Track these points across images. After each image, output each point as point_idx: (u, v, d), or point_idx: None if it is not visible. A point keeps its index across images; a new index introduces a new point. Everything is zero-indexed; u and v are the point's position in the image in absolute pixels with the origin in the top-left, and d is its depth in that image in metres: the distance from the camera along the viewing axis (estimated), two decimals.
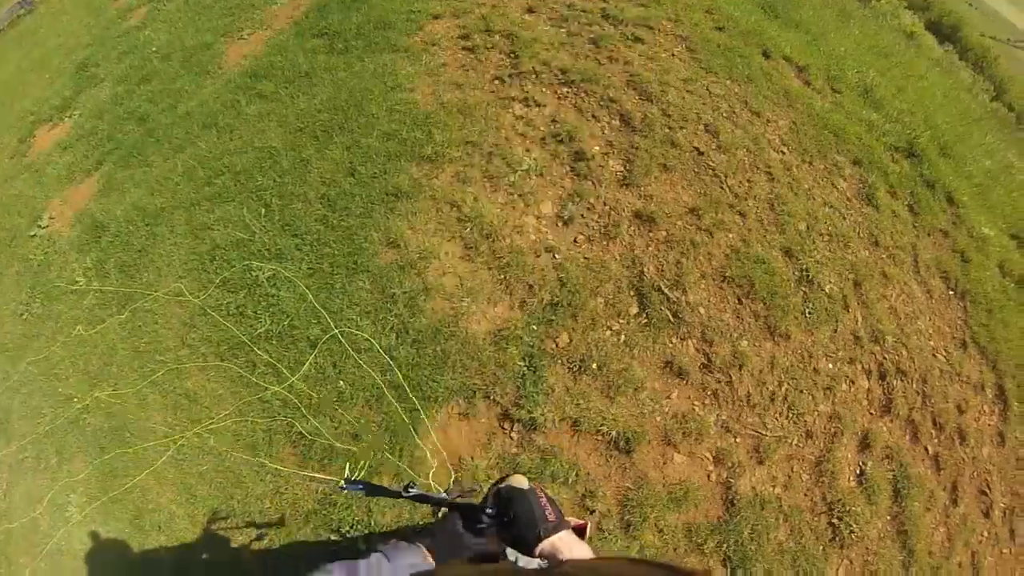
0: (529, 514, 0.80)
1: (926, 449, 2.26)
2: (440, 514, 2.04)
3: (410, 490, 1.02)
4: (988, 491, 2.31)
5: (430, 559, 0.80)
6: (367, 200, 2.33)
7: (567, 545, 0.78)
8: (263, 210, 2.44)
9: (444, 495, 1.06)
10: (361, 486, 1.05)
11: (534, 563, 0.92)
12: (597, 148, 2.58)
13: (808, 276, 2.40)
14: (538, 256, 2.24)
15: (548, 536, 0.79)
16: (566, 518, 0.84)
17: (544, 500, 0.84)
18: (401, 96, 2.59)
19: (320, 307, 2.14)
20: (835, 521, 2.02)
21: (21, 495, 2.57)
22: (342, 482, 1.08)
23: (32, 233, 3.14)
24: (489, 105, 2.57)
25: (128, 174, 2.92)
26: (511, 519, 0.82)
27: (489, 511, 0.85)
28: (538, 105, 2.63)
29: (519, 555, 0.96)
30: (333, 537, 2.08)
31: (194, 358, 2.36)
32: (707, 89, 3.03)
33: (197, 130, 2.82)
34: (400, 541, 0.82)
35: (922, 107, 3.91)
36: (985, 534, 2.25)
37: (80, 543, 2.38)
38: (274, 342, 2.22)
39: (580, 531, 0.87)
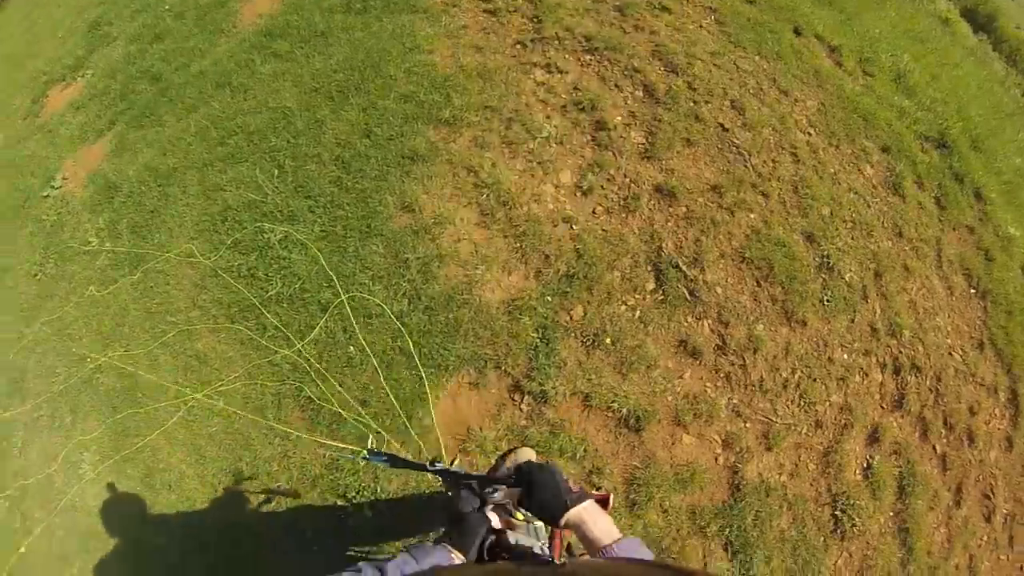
0: (554, 486, 0.82)
1: (934, 448, 2.22)
2: (446, 488, 2.03)
3: (435, 464, 1.02)
4: (992, 495, 2.28)
5: (458, 556, 0.80)
6: (382, 163, 2.27)
7: (592, 516, 0.79)
8: (276, 171, 2.39)
9: (464, 471, 1.04)
10: (385, 458, 1.04)
11: (537, 545, 0.95)
12: (619, 118, 2.48)
13: (829, 263, 2.32)
14: (555, 226, 2.17)
15: (574, 506, 0.80)
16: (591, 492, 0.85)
17: (561, 473, 0.85)
18: (419, 58, 2.50)
19: (332, 271, 2.10)
20: (838, 513, 2.00)
21: (37, 452, 2.61)
22: (365, 453, 1.06)
23: (45, 194, 3.14)
24: (510, 70, 2.47)
25: (141, 134, 2.88)
26: (531, 491, 0.82)
27: (508, 480, 0.86)
28: (560, 72, 2.53)
29: (532, 519, 0.96)
30: (339, 502, 2.08)
31: (205, 320, 2.35)
32: (735, 64, 2.90)
33: (211, 90, 2.76)
34: (426, 542, 0.83)
35: (955, 97, 3.72)
36: (985, 538, 2.21)
37: (93, 500, 2.41)
38: (285, 305, 2.19)
39: (603, 503, 0.88)
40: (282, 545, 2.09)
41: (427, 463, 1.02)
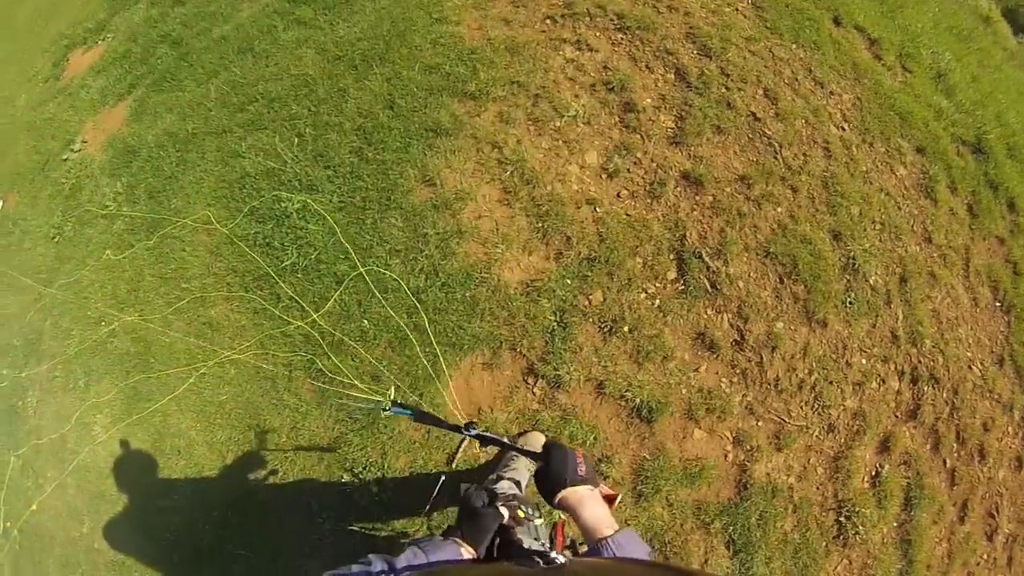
0: (562, 462, 0.82)
1: (944, 462, 2.17)
2: (454, 463, 2.01)
3: (471, 428, 0.99)
4: (996, 514, 2.22)
5: (467, 550, 0.78)
6: (405, 135, 2.21)
7: (590, 502, 0.78)
8: (296, 139, 2.35)
9: (500, 437, 1.02)
10: (410, 411, 1.00)
11: (537, 544, 0.92)
12: (649, 101, 2.39)
13: (854, 264, 2.24)
14: (579, 208, 2.11)
15: (573, 485, 0.79)
16: (601, 486, 0.84)
17: (582, 460, 0.85)
18: (446, 29, 2.43)
19: (348, 243, 2.07)
20: (842, 519, 1.97)
21: (51, 413, 2.65)
22: (388, 403, 1.01)
23: (65, 157, 3.14)
24: (539, 45, 2.39)
25: (161, 99, 2.86)
26: (548, 463, 0.82)
27: (534, 453, 0.85)
28: (591, 50, 2.43)
29: (532, 518, 0.95)
30: (346, 477, 2.07)
31: (219, 287, 2.34)
32: (770, 51, 2.78)
33: (232, 55, 2.72)
34: (437, 536, 0.82)
35: (995, 101, 3.56)
36: (984, 557, 2.17)
37: (104, 462, 2.44)
38: (300, 276, 2.16)
39: (609, 500, 0.86)
40: (287, 516, 2.09)
41: (462, 426, 0.99)
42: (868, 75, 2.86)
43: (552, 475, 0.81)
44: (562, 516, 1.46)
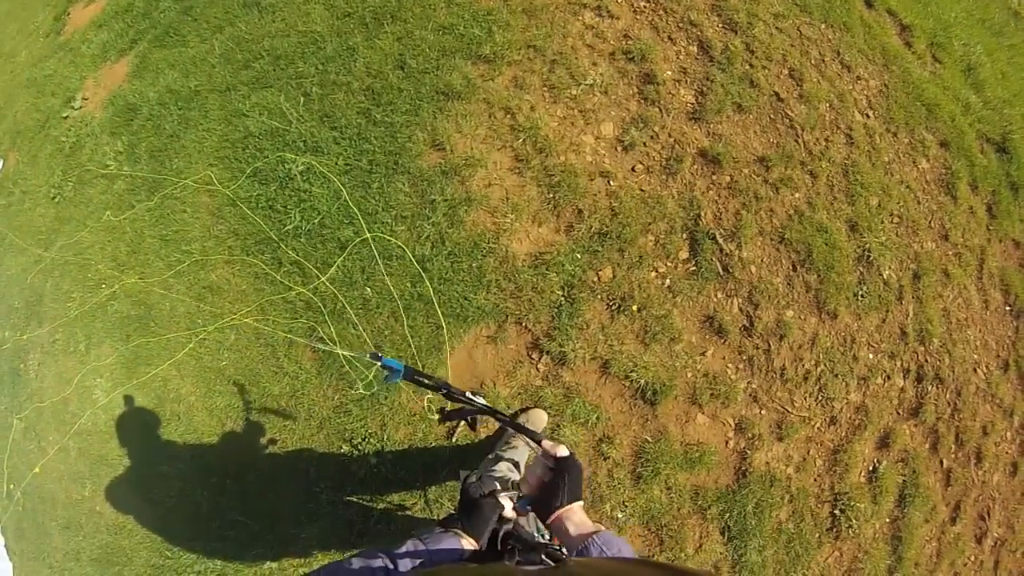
0: (578, 479, 0.79)
1: (941, 462, 2.15)
2: (455, 437, 1.98)
3: (477, 395, 0.96)
4: (987, 518, 2.22)
5: (468, 541, 0.75)
6: (415, 96, 2.12)
7: (578, 520, 0.76)
8: (302, 99, 2.26)
9: (484, 404, 0.96)
10: (401, 367, 0.92)
11: (541, 535, 0.91)
12: (669, 73, 2.29)
13: (869, 257, 2.18)
14: (592, 180, 2.03)
15: (570, 503, 0.76)
16: None
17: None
18: None
19: (354, 207, 2.00)
20: (837, 512, 1.96)
21: (52, 376, 2.64)
22: (379, 357, 0.92)
23: (65, 115, 3.06)
24: (557, 9, 2.27)
25: (163, 54, 2.76)
26: (561, 478, 0.78)
27: (549, 465, 0.80)
28: (611, 16, 2.32)
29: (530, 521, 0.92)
30: (345, 448, 2.05)
31: (220, 251, 2.29)
32: (798, 30, 2.65)
33: (237, 9, 2.61)
34: (437, 529, 0.78)
35: (1022, 100, 3.43)
36: (972, 559, 2.17)
37: (106, 425, 2.44)
38: (303, 240, 2.10)
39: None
40: (285, 484, 2.08)
41: (463, 392, 0.94)
42: (897, 62, 2.74)
43: (557, 496, 0.76)
44: None
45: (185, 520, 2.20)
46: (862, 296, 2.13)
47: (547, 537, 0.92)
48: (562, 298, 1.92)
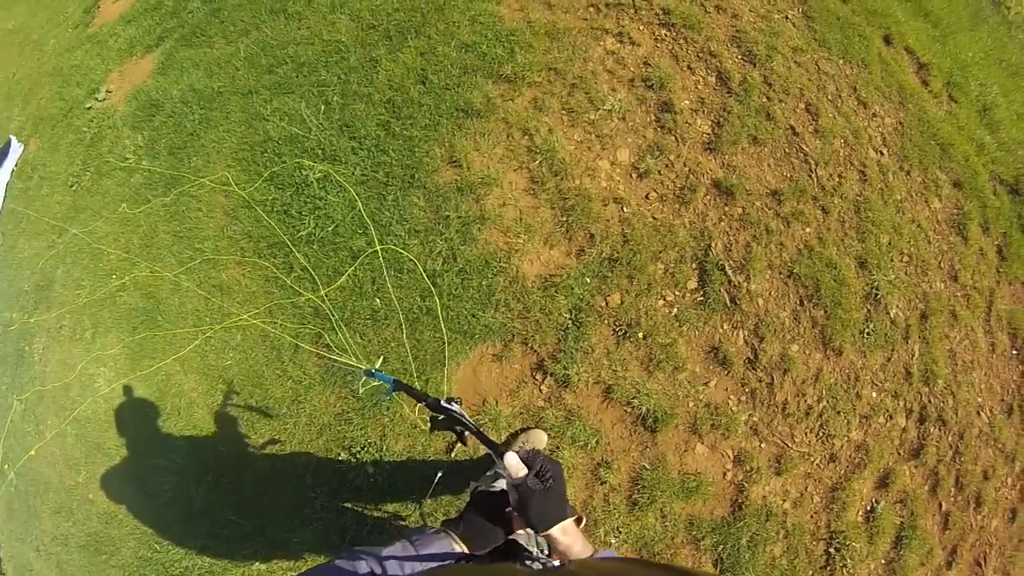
0: (562, 492, 0.73)
1: (940, 505, 2.13)
2: (453, 452, 1.98)
3: (452, 403, 0.93)
4: (983, 564, 2.19)
5: (459, 544, 0.73)
6: (435, 112, 2.15)
7: (574, 536, 0.72)
8: (323, 107, 2.29)
9: (474, 425, 0.95)
10: (391, 380, 0.97)
11: (540, 550, 0.87)
12: (687, 103, 2.31)
13: (877, 295, 2.18)
14: (606, 205, 2.04)
15: (566, 519, 0.71)
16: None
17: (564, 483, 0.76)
18: (486, 7, 2.34)
19: (368, 218, 2.02)
20: (832, 551, 1.94)
21: (56, 361, 2.66)
22: (372, 368, 1.00)
23: (88, 105, 3.11)
24: (579, 33, 2.30)
25: (189, 54, 2.81)
26: (550, 491, 0.72)
27: (534, 474, 0.73)
28: (632, 43, 2.34)
29: (530, 539, 0.89)
30: (343, 455, 2.05)
31: (232, 251, 2.31)
32: (817, 64, 2.67)
33: (264, 15, 2.65)
34: (428, 530, 0.76)
35: None
36: None
37: (105, 414, 2.45)
38: (315, 247, 2.12)
39: (576, 522, 0.79)
40: (281, 487, 2.09)
41: (442, 399, 0.93)
42: (913, 100, 2.76)
43: (548, 510, 0.70)
44: None
45: (177, 515, 2.20)
46: (868, 334, 2.12)
47: (546, 552, 0.92)
48: (569, 321, 1.93)
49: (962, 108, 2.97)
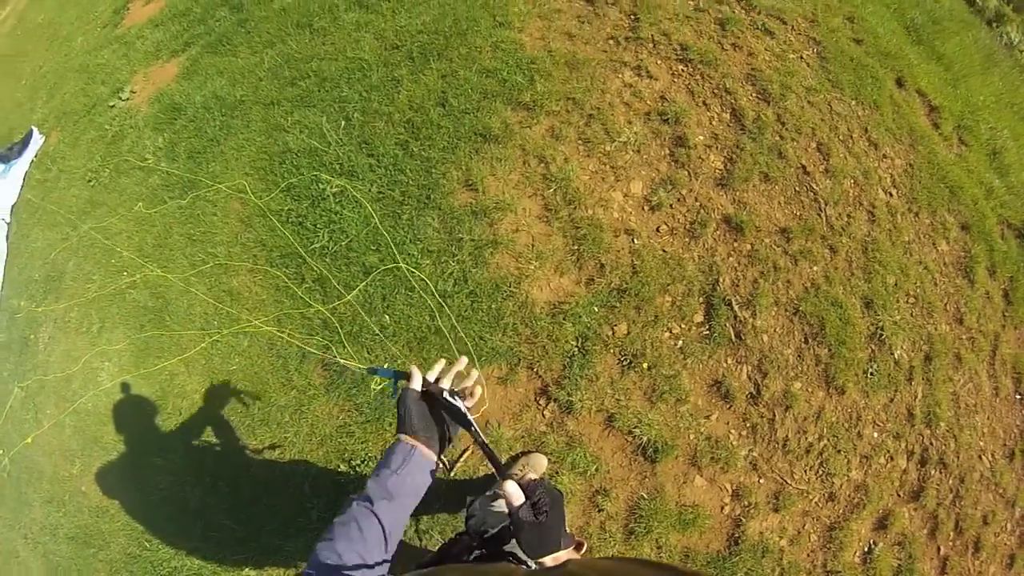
0: (557, 524, 0.71)
1: (939, 549, 2.12)
2: (453, 472, 1.99)
3: (455, 398, 0.87)
4: None
5: (413, 442, 0.83)
6: (453, 135, 2.19)
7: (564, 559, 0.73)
8: (343, 122, 2.34)
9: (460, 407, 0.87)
10: (392, 373, 0.98)
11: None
12: (701, 138, 2.35)
13: (881, 335, 2.20)
14: (617, 236, 2.08)
15: (558, 550, 0.72)
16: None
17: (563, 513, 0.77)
18: (508, 34, 2.40)
19: (385, 234, 2.05)
20: None
21: (61, 352, 2.67)
22: (374, 369, 1.01)
23: (112, 104, 3.16)
24: (599, 64, 2.36)
25: (213, 61, 2.86)
26: (544, 526, 0.72)
27: (529, 505, 0.73)
28: (650, 77, 2.40)
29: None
30: (342, 467, 2.06)
31: (244, 258, 2.34)
32: (829, 104, 2.72)
33: (290, 28, 2.71)
34: (401, 443, 0.83)
35: None
36: None
37: (105, 409, 2.46)
38: (328, 260, 2.15)
39: (577, 548, 0.80)
40: (278, 495, 2.09)
41: (446, 390, 0.88)
42: (924, 142, 2.80)
43: (546, 538, 0.70)
44: None
45: (170, 515, 2.20)
46: (872, 374, 2.14)
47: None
48: (575, 348, 1.95)
49: (972, 151, 3.02)
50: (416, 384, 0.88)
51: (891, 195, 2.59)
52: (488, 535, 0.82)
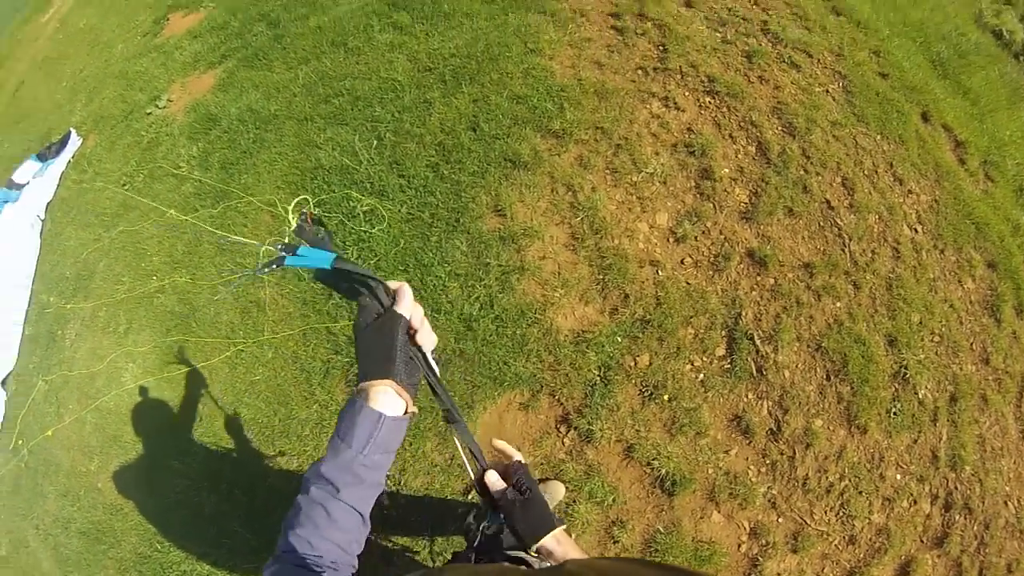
0: (543, 499, 0.75)
1: None
2: (470, 495, 1.99)
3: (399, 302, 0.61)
4: None
5: (386, 385, 0.60)
6: (484, 160, 2.23)
7: (567, 545, 0.74)
8: (375, 142, 2.39)
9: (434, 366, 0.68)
10: (332, 257, 0.61)
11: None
12: (727, 171, 2.36)
13: (905, 374, 2.17)
14: (642, 267, 2.09)
15: (555, 528, 0.74)
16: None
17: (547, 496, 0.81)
18: (539, 61, 2.44)
19: (410, 257, 2.09)
20: None
21: (86, 349, 2.74)
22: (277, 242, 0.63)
23: (149, 111, 3.26)
24: (627, 94, 2.39)
25: (249, 75, 2.95)
26: (530, 501, 0.74)
27: (512, 486, 0.76)
28: (678, 108, 2.42)
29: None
30: None
31: (272, 270, 2.38)
32: (854, 139, 2.72)
33: (325, 46, 2.79)
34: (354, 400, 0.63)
35: None
36: None
37: (127, 409, 2.51)
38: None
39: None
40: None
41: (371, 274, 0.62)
42: (949, 178, 2.78)
43: (535, 522, 0.72)
44: None
45: (184, 518, 2.23)
46: (895, 414, 2.10)
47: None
48: (597, 377, 1.96)
49: (998, 187, 2.98)
50: (407, 308, 0.62)
51: (916, 231, 2.57)
52: (486, 535, 0.82)
